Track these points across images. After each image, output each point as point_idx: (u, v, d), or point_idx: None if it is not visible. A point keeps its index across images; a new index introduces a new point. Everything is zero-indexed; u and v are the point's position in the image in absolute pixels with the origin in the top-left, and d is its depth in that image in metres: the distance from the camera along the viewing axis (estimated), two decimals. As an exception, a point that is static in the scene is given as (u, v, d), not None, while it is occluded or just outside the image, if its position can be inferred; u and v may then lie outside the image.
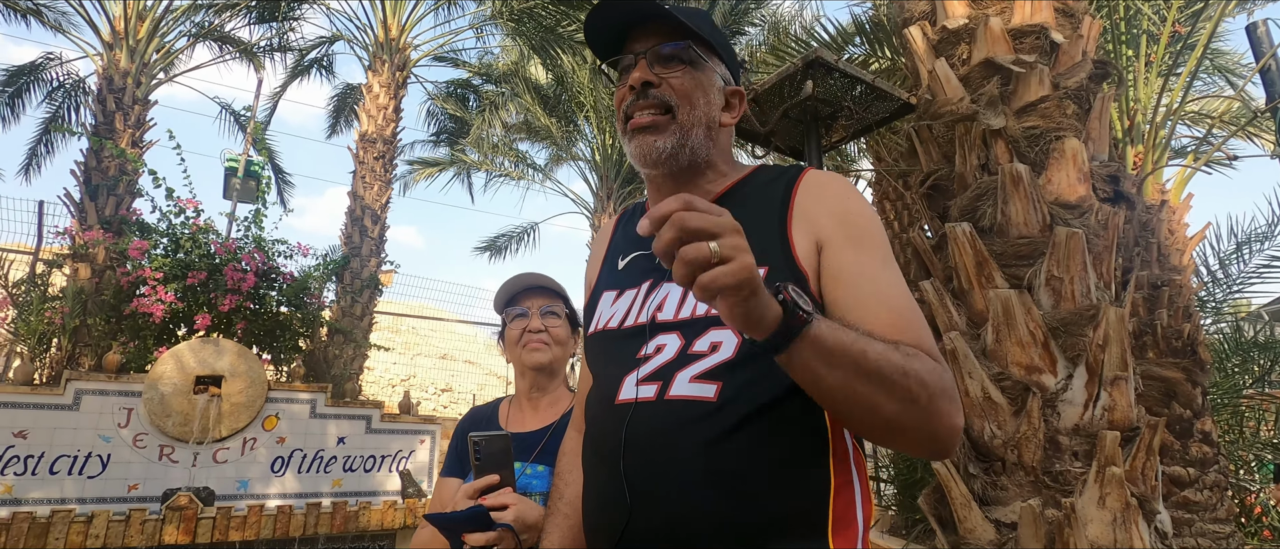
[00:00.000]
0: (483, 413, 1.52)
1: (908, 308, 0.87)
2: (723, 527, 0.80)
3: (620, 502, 0.85)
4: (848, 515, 0.85)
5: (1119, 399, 2.20)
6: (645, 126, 0.97)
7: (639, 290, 0.98)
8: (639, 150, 0.98)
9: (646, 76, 0.97)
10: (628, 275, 1.03)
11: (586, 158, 11.77)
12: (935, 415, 0.79)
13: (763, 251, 0.87)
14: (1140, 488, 2.15)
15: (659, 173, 1.00)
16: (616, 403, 0.91)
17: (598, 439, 0.94)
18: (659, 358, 0.89)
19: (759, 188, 0.99)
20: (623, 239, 1.10)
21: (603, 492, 0.91)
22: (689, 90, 0.98)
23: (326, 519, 4.92)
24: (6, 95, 9.85)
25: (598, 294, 1.07)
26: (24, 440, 4.43)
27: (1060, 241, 2.28)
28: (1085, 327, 2.23)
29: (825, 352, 0.72)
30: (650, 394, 0.88)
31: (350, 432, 5.51)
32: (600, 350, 1.01)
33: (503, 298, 1.51)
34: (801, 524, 0.82)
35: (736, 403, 0.83)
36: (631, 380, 0.90)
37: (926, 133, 2.77)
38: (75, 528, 4.13)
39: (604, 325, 1.00)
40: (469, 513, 1.15)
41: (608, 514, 0.88)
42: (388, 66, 9.62)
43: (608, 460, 0.89)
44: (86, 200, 6.90)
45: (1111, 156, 2.69)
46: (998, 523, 2.24)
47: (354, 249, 8.89)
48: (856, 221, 0.92)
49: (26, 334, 5.29)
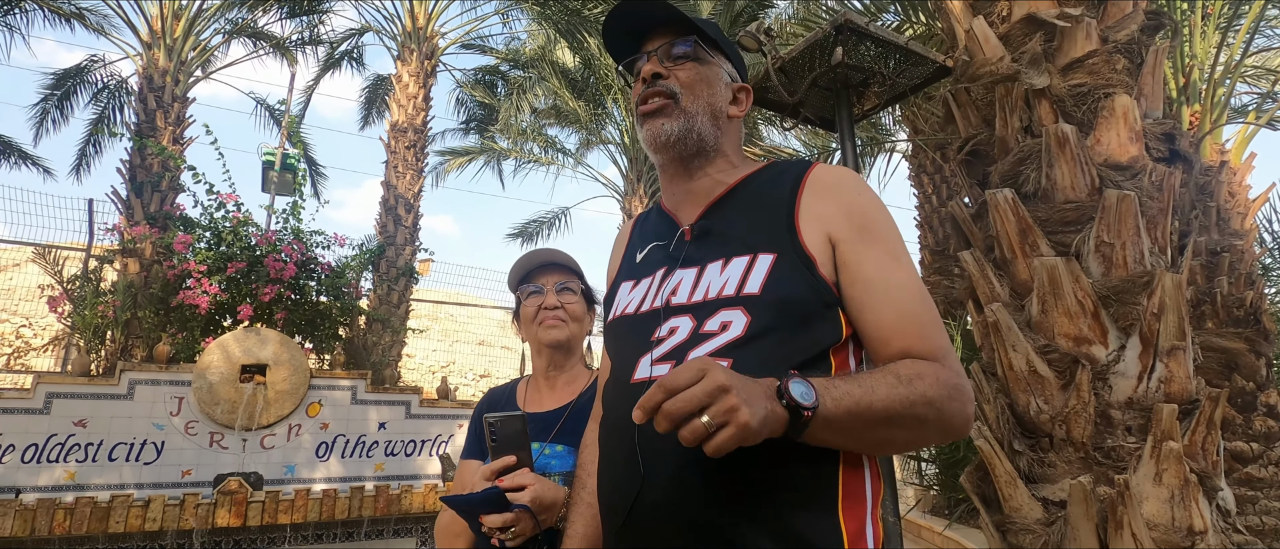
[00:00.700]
0: (500, 393, 1.50)
1: (921, 308, 0.92)
2: (734, 498, 0.83)
3: (634, 473, 0.89)
4: (857, 491, 0.88)
5: (1176, 370, 2.08)
6: (653, 111, 1.04)
7: (654, 278, 1.04)
8: (649, 135, 1.04)
9: (656, 69, 1.05)
10: (644, 266, 1.09)
11: (616, 141, 11.70)
12: (946, 421, 0.86)
13: (771, 241, 0.94)
14: (1200, 464, 2.03)
15: (669, 158, 1.06)
16: (632, 382, 0.95)
17: (613, 419, 0.99)
18: (673, 339, 0.94)
19: (767, 181, 1.04)
20: (639, 236, 1.16)
21: (617, 467, 0.95)
22: (692, 81, 1.06)
23: (370, 502, 5.04)
24: (56, 98, 10.24)
25: (616, 284, 1.14)
26: (84, 429, 4.63)
27: (1110, 205, 2.15)
28: (1139, 295, 2.11)
29: (836, 425, 0.79)
30: (665, 372, 0.90)
31: (390, 417, 5.62)
32: (618, 336, 1.06)
33: (517, 275, 1.48)
34: (811, 498, 0.85)
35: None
36: (647, 361, 0.95)
37: (964, 96, 2.64)
38: (134, 512, 4.30)
39: (622, 312, 1.06)
40: (485, 495, 1.13)
41: (621, 487, 0.92)
42: (416, 56, 9.69)
43: (622, 437, 0.93)
44: (132, 197, 7.14)
45: (1166, 115, 2.53)
46: (1045, 501, 2.15)
47: (388, 238, 9.02)
48: (866, 217, 0.96)
49: (82, 327, 5.51)
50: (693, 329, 0.93)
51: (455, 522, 1.29)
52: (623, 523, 0.90)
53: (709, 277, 0.96)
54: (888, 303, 0.91)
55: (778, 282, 0.91)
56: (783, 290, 0.90)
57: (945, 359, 0.89)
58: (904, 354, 0.88)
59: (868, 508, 0.88)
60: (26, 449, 4.46)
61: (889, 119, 8.71)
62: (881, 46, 2.64)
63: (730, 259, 0.95)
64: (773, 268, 0.92)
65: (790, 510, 0.83)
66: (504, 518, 1.13)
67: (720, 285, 0.93)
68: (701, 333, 0.91)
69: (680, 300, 0.96)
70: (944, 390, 0.85)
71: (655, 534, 0.87)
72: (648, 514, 0.87)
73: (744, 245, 0.96)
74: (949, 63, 2.63)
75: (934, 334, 0.90)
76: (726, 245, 0.98)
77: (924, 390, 0.83)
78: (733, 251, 0.96)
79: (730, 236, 0.99)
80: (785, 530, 0.82)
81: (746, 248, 0.96)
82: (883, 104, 2.94)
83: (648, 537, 0.87)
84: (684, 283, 0.98)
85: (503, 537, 1.15)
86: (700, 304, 0.94)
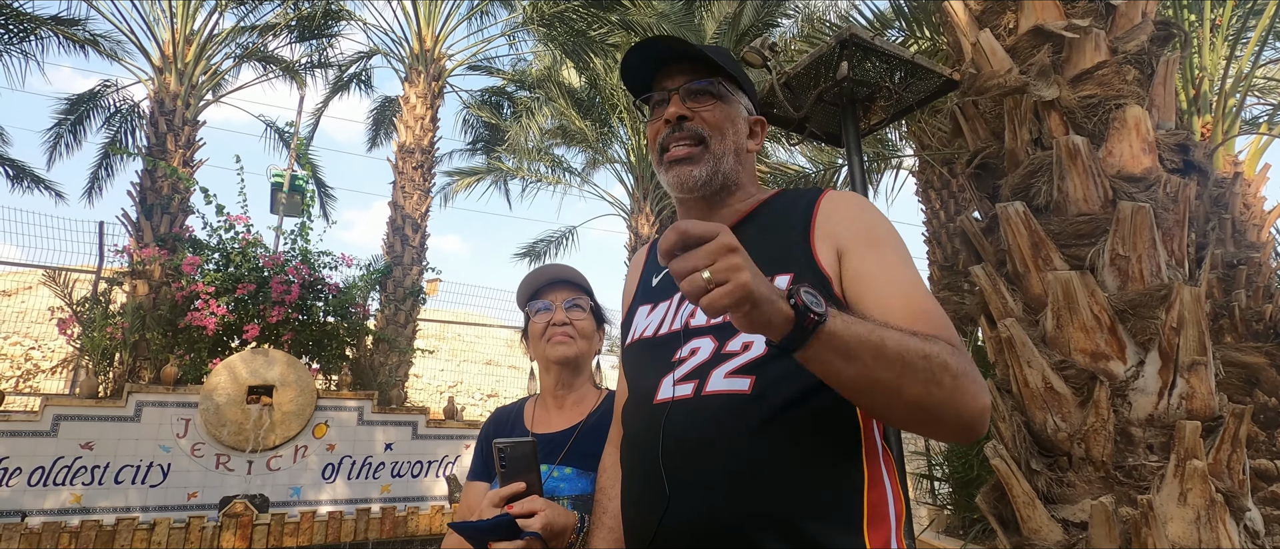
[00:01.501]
0: (507, 414, 1.47)
1: (927, 302, 0.90)
2: (760, 517, 0.82)
3: (659, 494, 0.88)
4: (881, 511, 0.87)
5: (1198, 386, 2.02)
6: (681, 158, 1.04)
7: (671, 301, 1.05)
8: (676, 180, 1.05)
9: (681, 110, 1.04)
10: (661, 290, 1.10)
11: (622, 159, 11.75)
12: (960, 395, 0.81)
13: (788, 261, 0.96)
14: (1226, 483, 1.97)
15: (694, 199, 1.07)
16: (655, 403, 0.95)
17: (636, 440, 0.98)
18: (694, 359, 0.94)
19: (783, 206, 1.06)
20: (654, 261, 1.17)
21: (640, 488, 0.94)
22: (720, 122, 1.06)
23: (376, 524, 4.99)
24: (69, 122, 10.38)
25: (633, 310, 1.15)
26: (91, 452, 4.61)
27: (1125, 217, 2.11)
28: (1156, 308, 2.06)
29: (843, 346, 0.75)
30: (687, 391, 0.91)
31: (397, 438, 5.58)
32: (637, 359, 1.06)
33: (526, 292, 1.45)
34: (837, 517, 0.84)
35: (771, 395, 0.87)
36: (669, 381, 0.94)
37: (972, 110, 2.62)
38: (139, 535, 4.27)
39: (640, 336, 1.06)
40: (495, 522, 1.10)
41: (645, 508, 0.91)
42: (423, 77, 9.78)
43: (645, 457, 0.92)
44: (143, 219, 7.19)
45: (1177, 126, 2.49)
46: (1065, 522, 2.09)
47: (396, 258, 9.04)
48: (873, 229, 0.98)
49: (91, 349, 5.52)
50: (714, 349, 0.93)
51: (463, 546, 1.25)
52: (648, 545, 0.89)
53: None
54: (896, 297, 0.89)
55: None
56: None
57: (962, 350, 0.86)
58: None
59: (892, 528, 0.87)
60: (33, 472, 4.44)
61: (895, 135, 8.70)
62: (887, 60, 2.63)
63: None
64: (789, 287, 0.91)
65: (816, 530, 0.82)
66: (515, 546, 1.10)
67: None
68: (723, 353, 0.92)
69: (699, 322, 0.97)
70: (961, 365, 0.81)
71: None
72: (673, 536, 0.86)
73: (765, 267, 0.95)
74: (955, 76, 2.61)
75: (944, 327, 0.87)
76: None
77: (941, 354, 0.80)
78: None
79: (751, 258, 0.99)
80: (812, 544, 0.81)
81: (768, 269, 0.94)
82: (889, 118, 2.92)
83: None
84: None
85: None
86: (720, 325, 0.94)
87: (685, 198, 1.08)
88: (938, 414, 0.81)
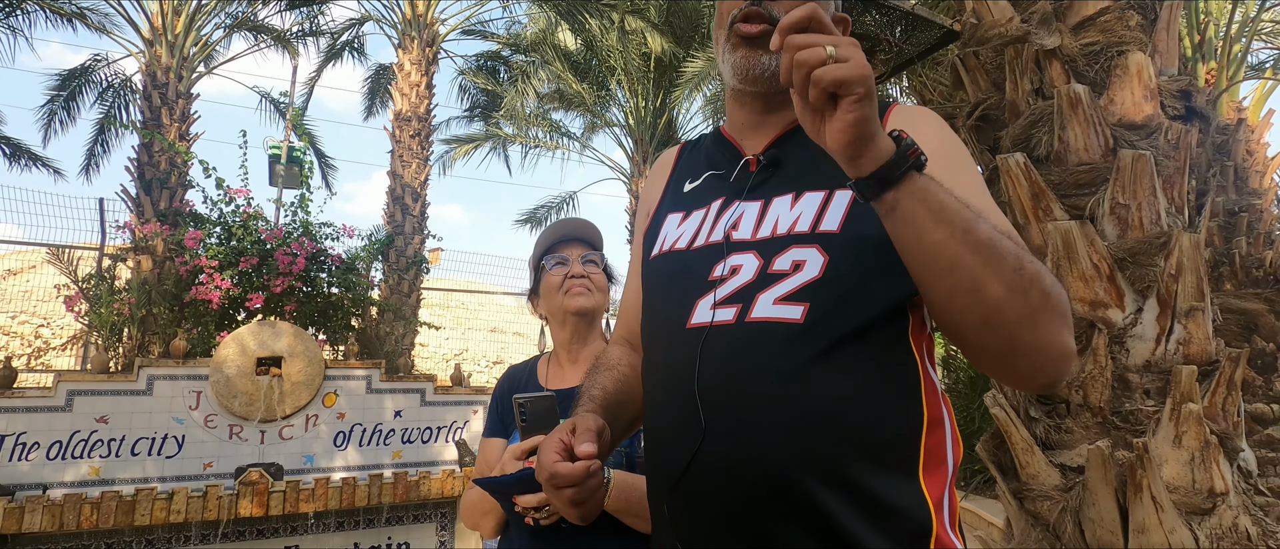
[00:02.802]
0: (521, 371, 1.50)
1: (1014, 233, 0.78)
2: (807, 457, 0.73)
3: (693, 427, 0.77)
4: (939, 454, 0.78)
5: (1195, 332, 2.05)
6: (753, 36, 0.88)
7: (708, 209, 0.91)
8: (743, 62, 0.90)
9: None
10: (695, 196, 0.96)
11: (620, 122, 11.64)
12: (1043, 324, 0.69)
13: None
14: (1221, 425, 2.01)
15: (755, 91, 0.93)
16: (688, 327, 0.83)
17: (665, 368, 0.86)
18: (736, 279, 0.82)
19: None
20: (688, 164, 1.03)
21: (669, 422, 0.83)
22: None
23: (389, 489, 5.10)
24: (62, 98, 10.28)
25: (661, 216, 0.99)
26: (105, 425, 4.70)
27: (1125, 165, 2.11)
28: (1155, 256, 2.08)
29: (936, 204, 0.67)
30: (729, 317, 0.80)
31: (406, 405, 5.67)
32: (666, 273, 0.92)
33: (543, 245, 1.48)
34: (892, 459, 0.74)
35: (826, 325, 0.76)
36: (706, 304, 0.83)
37: (973, 61, 2.59)
38: (158, 505, 4.37)
39: (671, 246, 0.92)
40: (518, 476, 1.13)
41: (675, 441, 0.80)
42: (417, 43, 9.64)
43: (677, 386, 0.81)
44: (142, 195, 7.18)
45: (1181, 72, 2.47)
46: (1063, 467, 2.14)
47: (397, 228, 9.05)
48: (951, 151, 0.86)
49: (99, 326, 5.58)
50: (759, 268, 0.81)
51: (484, 500, 1.29)
52: (676, 483, 0.79)
53: (777, 211, 0.84)
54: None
55: (858, 220, 0.79)
56: (865, 228, 0.78)
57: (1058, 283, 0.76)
58: None
59: (949, 475, 0.78)
60: (51, 446, 4.54)
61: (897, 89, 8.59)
62: (886, 13, 2.59)
63: (802, 193, 0.84)
64: (852, 204, 0.81)
65: (870, 477, 0.73)
66: (538, 498, 1.12)
67: (791, 221, 0.82)
68: (770, 273, 0.80)
69: (742, 236, 0.85)
70: (1052, 289, 0.70)
71: (716, 496, 0.76)
72: (708, 473, 0.76)
73: (819, 179, 0.84)
74: (956, 26, 2.58)
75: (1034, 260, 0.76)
76: (799, 179, 0.86)
77: (1036, 266, 0.69)
78: (805, 185, 0.85)
79: (803, 170, 0.87)
80: (867, 492, 0.72)
81: (822, 182, 0.84)
82: (890, 72, 2.89)
83: (707, 499, 0.77)
84: (747, 216, 0.86)
85: (537, 515, 1.15)
86: (767, 240, 0.82)
87: (748, 93, 0.94)
88: (1017, 332, 0.69)
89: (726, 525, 0.76)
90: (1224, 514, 1.93)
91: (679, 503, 0.80)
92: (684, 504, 0.79)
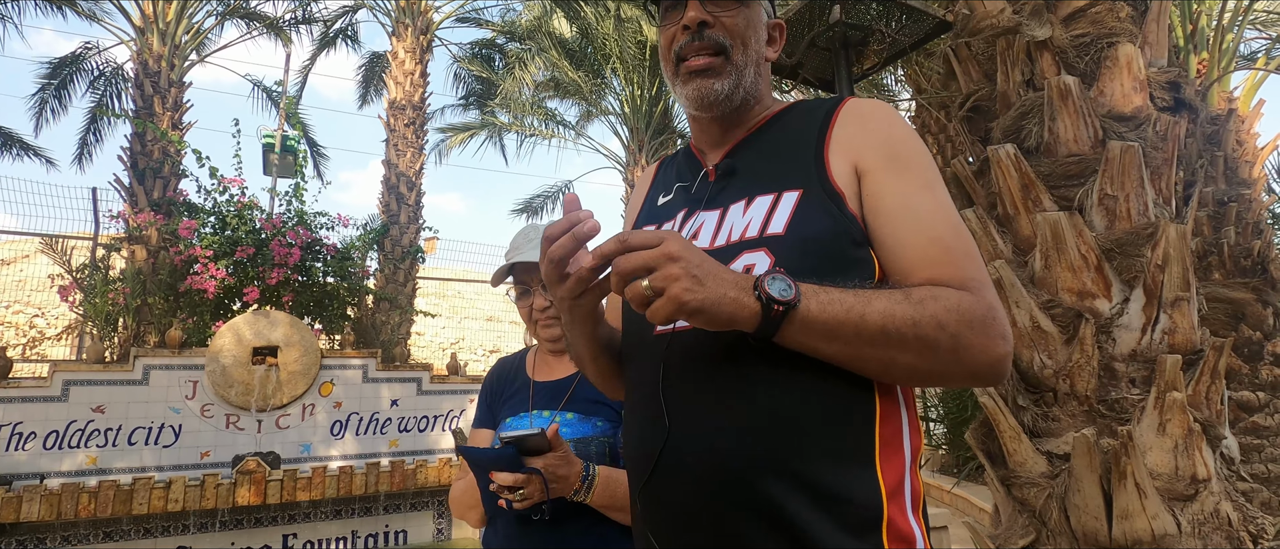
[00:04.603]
0: (510, 363, 1.52)
1: (951, 236, 0.83)
2: (763, 453, 0.78)
3: (659, 428, 0.83)
4: (896, 442, 0.82)
5: (1180, 321, 2.08)
6: (701, 69, 0.94)
7: (674, 222, 0.98)
8: (696, 94, 0.95)
9: (701, 16, 0.93)
10: (666, 209, 1.03)
11: (616, 111, 11.60)
12: (965, 352, 0.76)
13: (796, 177, 0.88)
14: (1204, 413, 2.04)
15: (713, 116, 0.98)
16: (655, 335, 0.89)
17: (636, 372, 0.93)
18: None
19: (798, 116, 0.98)
20: (664, 180, 1.10)
21: (641, 421, 0.89)
22: (742, 29, 0.95)
23: (386, 478, 5.13)
24: (53, 87, 10.20)
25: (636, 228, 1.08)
26: (102, 415, 4.71)
27: (1114, 157, 2.13)
28: (1142, 247, 2.10)
29: (822, 328, 0.74)
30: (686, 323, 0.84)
31: (402, 394, 5.69)
32: None
33: (502, 276, 1.48)
34: (844, 450, 0.79)
35: None
36: None
37: (965, 52, 2.60)
38: (156, 493, 4.39)
39: None
40: (500, 451, 1.15)
41: (646, 442, 0.86)
42: (411, 31, 9.58)
43: (647, 389, 0.88)
44: (135, 184, 7.15)
45: (1172, 63, 2.48)
46: (1049, 455, 2.17)
47: (392, 217, 9.03)
48: (898, 147, 0.88)
49: (94, 316, 5.57)
50: None
51: (469, 493, 1.31)
52: (647, 479, 0.85)
53: (732, 218, 0.90)
54: (915, 230, 0.83)
55: (803, 220, 0.84)
56: (808, 229, 0.83)
57: (977, 290, 0.80)
58: (930, 285, 0.80)
59: (907, 461, 0.82)
60: (48, 436, 4.55)
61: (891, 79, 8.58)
62: (880, 3, 2.60)
63: (754, 198, 0.89)
64: (798, 205, 0.86)
65: (824, 465, 0.77)
66: (515, 478, 1.13)
67: (743, 227, 0.87)
68: None
69: (702, 244, 0.90)
70: (961, 317, 0.76)
71: (681, 491, 0.82)
72: (673, 470, 0.82)
73: (769, 183, 0.90)
74: (949, 17, 2.59)
75: (965, 263, 0.81)
76: (751, 184, 0.92)
77: (934, 313, 0.75)
78: (756, 190, 0.90)
79: (755, 175, 0.93)
80: (819, 485, 0.76)
81: (771, 185, 0.89)
82: (883, 62, 2.90)
83: (674, 493, 0.83)
84: (706, 226, 0.92)
85: (510, 496, 1.15)
86: (722, 248, 0.88)
87: (706, 118, 0.99)
88: (942, 374, 0.79)
89: (690, 520, 0.81)
90: (1206, 500, 1.97)
91: (652, 496, 0.85)
92: (653, 500, 0.85)
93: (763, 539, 0.77)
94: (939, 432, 7.63)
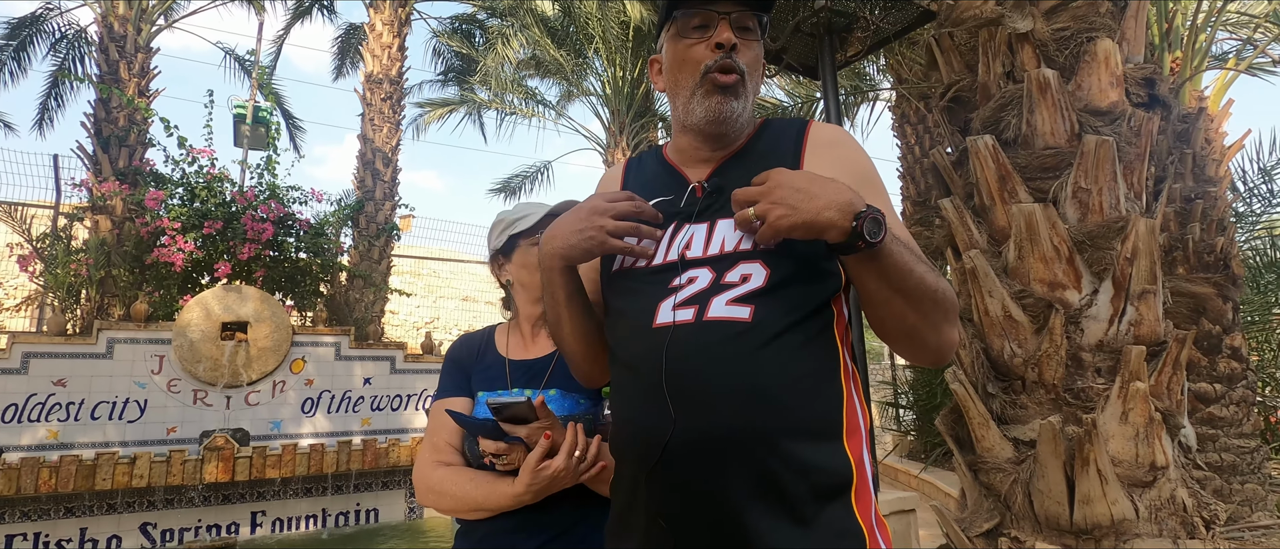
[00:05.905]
0: (476, 340, 1.47)
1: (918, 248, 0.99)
2: (757, 432, 0.89)
3: (663, 418, 0.91)
4: (855, 422, 0.96)
5: (1146, 314, 2.13)
6: (729, 87, 1.02)
7: (665, 233, 1.06)
8: (717, 109, 1.03)
9: (735, 39, 1.02)
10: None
11: (597, 92, 11.50)
12: (945, 329, 0.97)
13: None
14: (1165, 402, 2.10)
15: (716, 133, 1.07)
16: (654, 327, 0.97)
17: (634, 362, 0.99)
18: (693, 286, 0.97)
19: (771, 139, 1.10)
20: (636, 183, 1.16)
21: (643, 412, 0.96)
22: (753, 62, 1.06)
23: (358, 456, 5.08)
24: (11, 49, 9.80)
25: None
26: (63, 388, 4.58)
27: (1089, 151, 2.16)
28: (1113, 240, 2.14)
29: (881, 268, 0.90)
30: (688, 316, 0.95)
31: (375, 373, 5.63)
32: (626, 288, 1.06)
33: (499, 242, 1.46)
34: (823, 430, 0.92)
35: (769, 322, 0.93)
36: (668, 306, 0.97)
37: (947, 42, 2.62)
38: (120, 469, 4.30)
39: (630, 265, 1.06)
40: (485, 420, 1.18)
41: (649, 433, 0.93)
42: (389, 3, 9.36)
43: (647, 379, 0.95)
44: (100, 152, 6.92)
45: (1147, 61, 2.52)
46: (1016, 441, 2.22)
47: (367, 193, 8.88)
48: (866, 172, 1.05)
49: (55, 287, 5.41)
50: (713, 278, 0.97)
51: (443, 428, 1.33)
52: (653, 466, 0.92)
53: (722, 231, 1.00)
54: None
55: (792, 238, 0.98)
56: (797, 246, 0.95)
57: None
58: None
59: (864, 438, 0.96)
60: (6, 409, 4.42)
61: (873, 68, 8.62)
62: (866, -10, 2.59)
63: None
64: None
65: (806, 443, 0.90)
66: (497, 446, 1.18)
67: (736, 240, 0.98)
68: (723, 283, 0.96)
69: (695, 254, 1.00)
70: (952, 303, 0.96)
71: (690, 475, 0.90)
72: (682, 457, 0.90)
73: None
74: (933, 6, 2.59)
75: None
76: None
77: (945, 290, 0.94)
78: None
79: None
80: (806, 462, 0.89)
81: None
82: (866, 50, 2.90)
83: (682, 477, 0.91)
84: (696, 238, 1.01)
85: (495, 460, 1.20)
86: (718, 257, 0.98)
87: (709, 134, 1.07)
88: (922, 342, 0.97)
89: (699, 498, 0.90)
90: (1163, 487, 2.03)
91: (659, 482, 0.93)
92: (664, 483, 0.92)
93: (760, 506, 0.88)
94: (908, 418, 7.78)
